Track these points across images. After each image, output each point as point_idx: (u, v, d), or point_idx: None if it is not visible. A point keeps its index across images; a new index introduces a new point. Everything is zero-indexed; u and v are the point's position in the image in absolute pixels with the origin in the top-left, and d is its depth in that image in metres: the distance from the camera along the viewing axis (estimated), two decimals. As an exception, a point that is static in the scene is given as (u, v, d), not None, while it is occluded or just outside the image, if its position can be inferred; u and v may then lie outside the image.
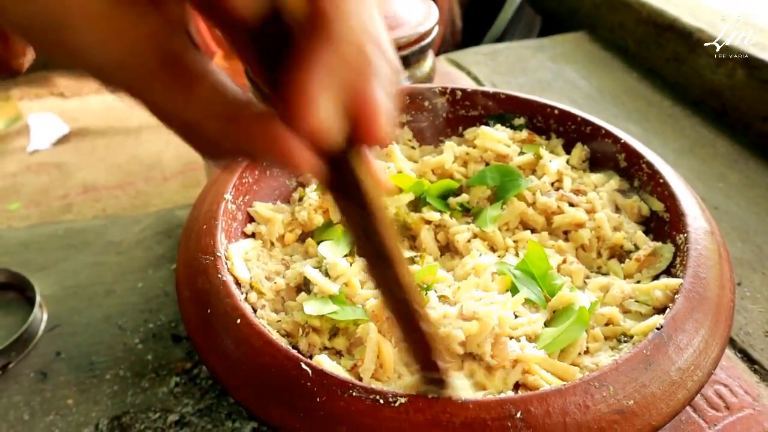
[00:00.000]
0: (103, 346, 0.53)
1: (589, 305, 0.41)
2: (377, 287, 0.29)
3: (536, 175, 0.54)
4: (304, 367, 0.33)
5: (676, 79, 0.90)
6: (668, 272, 0.44)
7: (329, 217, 0.49)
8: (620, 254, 0.48)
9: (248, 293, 0.43)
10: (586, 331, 0.40)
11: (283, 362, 0.34)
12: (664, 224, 0.47)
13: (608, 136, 0.53)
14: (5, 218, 1.72)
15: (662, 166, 0.49)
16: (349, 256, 0.46)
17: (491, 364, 0.37)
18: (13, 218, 1.72)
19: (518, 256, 0.47)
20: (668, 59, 0.91)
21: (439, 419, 0.31)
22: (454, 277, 0.45)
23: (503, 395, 0.33)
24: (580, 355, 0.39)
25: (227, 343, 0.36)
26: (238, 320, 0.36)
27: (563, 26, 1.15)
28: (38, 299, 0.55)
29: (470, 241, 0.49)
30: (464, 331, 0.37)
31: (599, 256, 0.49)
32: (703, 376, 0.35)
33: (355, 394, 0.32)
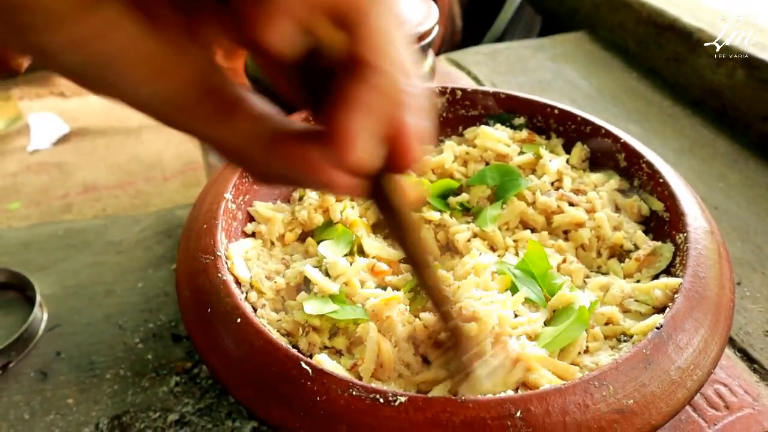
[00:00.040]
0: (103, 345, 0.53)
1: (588, 305, 0.41)
2: (419, 285, 0.32)
3: (536, 174, 0.54)
4: (304, 366, 0.33)
5: (676, 79, 0.90)
6: (668, 272, 0.44)
7: (329, 216, 0.49)
8: (620, 254, 0.48)
9: (248, 292, 0.43)
10: (585, 330, 0.40)
11: (283, 361, 0.34)
12: (663, 224, 0.47)
13: (608, 135, 0.53)
14: (5, 218, 1.72)
15: (662, 165, 0.49)
16: (348, 255, 0.46)
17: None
18: (13, 218, 1.72)
19: (518, 255, 0.47)
20: (668, 59, 0.91)
21: (439, 418, 0.31)
22: (454, 276, 0.45)
23: (503, 394, 0.33)
24: (579, 354, 0.39)
25: (227, 342, 0.36)
26: (238, 319, 0.36)
27: (563, 26, 1.15)
28: (38, 299, 0.55)
29: (470, 240, 0.49)
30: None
31: (599, 255, 0.49)
32: (702, 375, 0.35)
33: (355, 393, 0.32)
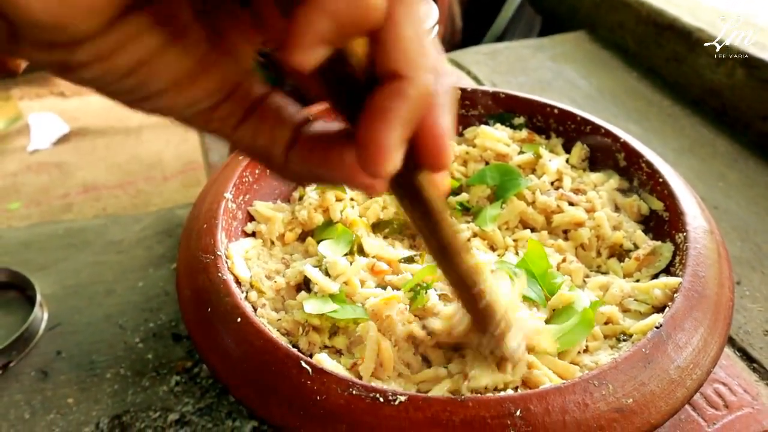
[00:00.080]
0: (103, 345, 0.53)
1: (588, 304, 0.41)
2: (445, 275, 0.32)
3: (536, 174, 0.54)
4: (304, 365, 0.33)
5: (675, 78, 0.90)
6: (667, 271, 0.45)
7: (329, 216, 0.49)
8: (620, 253, 0.48)
9: (248, 292, 0.43)
10: (585, 329, 0.40)
11: (283, 361, 0.34)
12: (663, 223, 0.47)
13: (608, 135, 0.53)
14: (6, 218, 1.72)
15: (662, 165, 0.49)
16: (348, 255, 0.46)
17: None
18: (13, 218, 1.72)
19: (518, 255, 0.47)
20: (668, 59, 0.91)
21: (438, 417, 0.31)
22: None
23: (503, 393, 0.33)
24: (579, 353, 0.39)
25: (227, 341, 0.36)
26: (238, 319, 0.36)
27: (563, 26, 1.15)
28: (39, 298, 0.55)
29: (470, 240, 0.49)
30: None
31: (599, 255, 0.49)
32: (702, 374, 0.35)
33: (355, 392, 0.32)
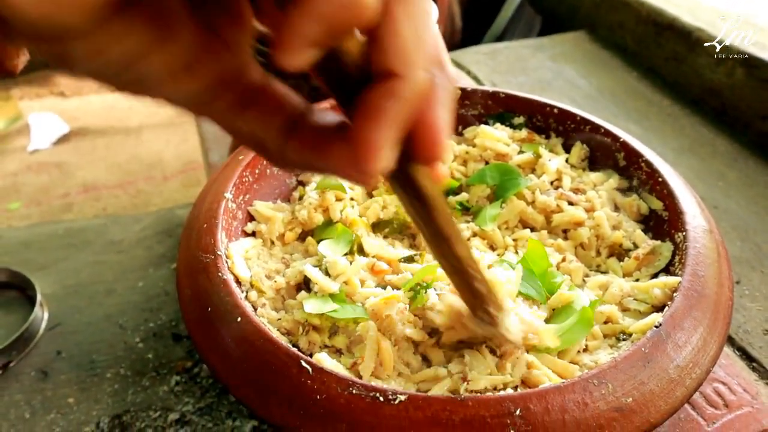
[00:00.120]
0: (103, 344, 0.53)
1: (588, 303, 0.41)
2: (439, 262, 0.33)
3: (536, 173, 0.54)
4: (304, 365, 0.33)
5: (675, 78, 0.90)
6: (667, 270, 0.45)
7: (329, 215, 0.50)
8: (619, 253, 0.49)
9: (248, 292, 0.43)
10: (585, 329, 0.40)
11: (283, 360, 0.34)
12: (663, 223, 0.48)
13: (607, 135, 0.53)
14: (6, 218, 1.72)
15: (661, 164, 0.49)
16: (348, 254, 0.46)
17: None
18: (13, 218, 1.72)
19: (518, 254, 0.47)
20: (668, 58, 0.91)
21: (438, 417, 0.31)
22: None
23: (503, 393, 0.33)
24: (579, 353, 0.39)
25: (228, 341, 0.36)
26: (238, 319, 0.36)
27: (563, 26, 1.15)
28: (39, 298, 0.55)
29: (470, 239, 0.49)
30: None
31: (598, 254, 0.49)
32: (701, 373, 0.35)
33: (355, 391, 0.32)
